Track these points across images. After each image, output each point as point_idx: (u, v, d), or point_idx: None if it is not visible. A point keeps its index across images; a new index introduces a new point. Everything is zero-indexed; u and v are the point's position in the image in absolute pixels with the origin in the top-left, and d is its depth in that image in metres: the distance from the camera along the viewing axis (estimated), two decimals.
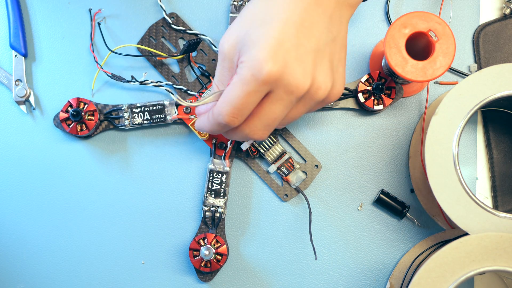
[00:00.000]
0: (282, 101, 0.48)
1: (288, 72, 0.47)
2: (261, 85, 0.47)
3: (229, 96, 0.48)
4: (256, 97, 0.48)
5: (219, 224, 0.61)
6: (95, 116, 0.60)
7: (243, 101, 0.48)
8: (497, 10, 0.65)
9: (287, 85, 0.47)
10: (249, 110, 0.49)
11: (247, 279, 0.63)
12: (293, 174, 0.62)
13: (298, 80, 0.47)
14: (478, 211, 0.56)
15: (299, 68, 0.47)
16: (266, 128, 0.50)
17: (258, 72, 0.46)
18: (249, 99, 0.48)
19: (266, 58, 0.46)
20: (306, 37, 0.48)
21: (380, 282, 0.63)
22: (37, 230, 0.62)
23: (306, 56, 0.48)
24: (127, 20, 0.63)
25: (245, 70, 0.47)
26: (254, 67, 0.46)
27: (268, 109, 0.49)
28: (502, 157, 0.63)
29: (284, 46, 0.47)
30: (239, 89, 0.47)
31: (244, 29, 0.48)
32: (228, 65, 0.50)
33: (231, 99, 0.48)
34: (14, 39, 0.62)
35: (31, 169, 0.62)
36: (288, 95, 0.48)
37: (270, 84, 0.47)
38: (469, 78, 0.56)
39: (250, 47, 0.47)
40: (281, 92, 0.48)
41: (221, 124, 0.50)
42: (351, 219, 0.63)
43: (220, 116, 0.49)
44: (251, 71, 0.47)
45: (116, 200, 0.62)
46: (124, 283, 0.62)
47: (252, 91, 0.47)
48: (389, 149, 0.64)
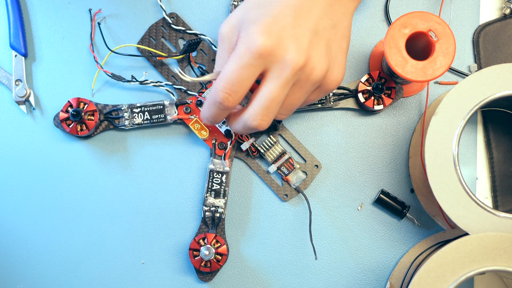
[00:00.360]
0: (277, 78, 0.49)
1: (282, 47, 0.48)
2: (255, 58, 0.48)
3: (224, 71, 0.49)
4: (250, 72, 0.48)
5: (219, 224, 0.61)
6: (95, 116, 0.60)
7: (237, 75, 0.48)
8: (497, 10, 0.65)
9: (282, 60, 0.48)
10: (244, 87, 0.49)
11: (247, 279, 0.63)
12: (293, 174, 0.62)
13: (292, 55, 0.48)
14: (478, 211, 0.56)
15: (294, 44, 0.48)
16: (265, 111, 0.50)
17: (252, 45, 0.47)
18: (242, 73, 0.48)
19: (261, 31, 0.48)
20: (304, 19, 0.49)
21: (380, 282, 0.63)
22: (37, 230, 0.62)
23: (302, 35, 0.49)
24: (127, 20, 0.63)
25: (240, 44, 0.48)
26: (248, 40, 0.48)
27: (265, 89, 0.49)
28: (502, 157, 0.63)
29: (279, 24, 0.48)
30: (234, 62, 0.48)
31: (243, 12, 0.50)
32: (227, 46, 0.51)
33: (226, 73, 0.49)
34: (14, 39, 0.62)
35: (31, 169, 0.62)
36: (283, 71, 0.48)
37: (264, 58, 0.48)
38: (469, 78, 0.56)
39: (248, 25, 0.49)
40: (276, 68, 0.48)
41: (216, 102, 0.50)
42: (351, 219, 0.63)
43: (216, 93, 0.49)
44: (246, 45, 0.48)
45: (116, 200, 0.62)
46: (124, 283, 0.62)
47: (246, 65, 0.48)
48: (389, 149, 0.64)
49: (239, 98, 0.49)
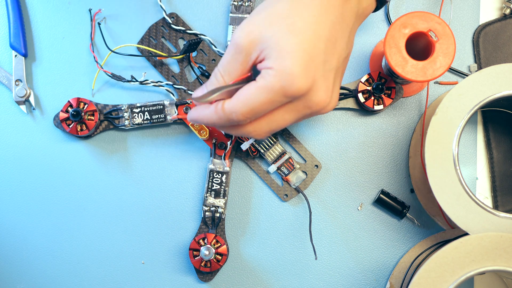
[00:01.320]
0: (297, 113, 0.48)
1: (314, 89, 0.47)
2: (287, 97, 0.47)
3: (249, 98, 0.47)
4: (277, 105, 0.48)
5: (219, 224, 0.61)
6: (95, 116, 0.60)
7: (263, 107, 0.47)
8: (497, 10, 0.65)
9: (309, 101, 0.47)
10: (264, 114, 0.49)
11: (247, 279, 0.63)
12: (293, 174, 0.62)
13: (321, 97, 0.48)
14: (478, 211, 0.56)
15: (324, 86, 0.48)
16: (271, 131, 0.50)
17: (288, 86, 0.46)
18: (269, 106, 0.47)
19: (299, 73, 0.46)
20: (331, 54, 0.48)
21: (380, 282, 0.63)
22: (37, 230, 0.62)
23: (329, 74, 0.48)
24: (127, 20, 0.63)
25: (274, 79, 0.46)
26: (285, 79, 0.46)
27: (280, 116, 0.49)
28: (502, 157, 0.63)
29: (314, 62, 0.46)
30: (263, 95, 0.47)
31: (270, 30, 0.47)
32: (242, 59, 0.49)
33: (251, 102, 0.47)
34: (14, 39, 0.62)
35: (31, 169, 0.62)
36: (305, 109, 0.48)
37: (295, 97, 0.47)
38: (469, 78, 0.56)
39: (282, 56, 0.46)
40: (300, 105, 0.48)
41: (231, 121, 0.49)
42: (351, 219, 0.63)
43: (234, 114, 0.48)
44: (281, 83, 0.46)
45: (116, 200, 0.62)
46: (124, 283, 0.62)
47: (275, 101, 0.47)
48: (389, 149, 0.64)
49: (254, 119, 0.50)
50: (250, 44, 0.48)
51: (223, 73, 0.50)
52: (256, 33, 0.47)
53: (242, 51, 0.48)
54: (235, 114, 0.48)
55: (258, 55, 0.48)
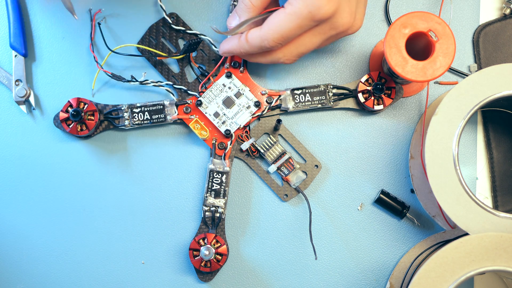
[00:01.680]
0: (324, 35, 0.53)
1: (339, 12, 0.52)
2: (315, 21, 0.51)
3: (280, 25, 0.52)
4: (305, 29, 0.52)
5: (219, 224, 0.61)
6: (95, 116, 0.60)
7: (293, 33, 0.52)
8: (497, 10, 0.65)
9: (334, 23, 0.52)
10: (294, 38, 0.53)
11: (247, 279, 0.63)
12: (293, 174, 0.62)
13: (346, 19, 0.53)
14: (478, 211, 0.56)
15: (347, 9, 0.53)
16: (299, 55, 0.55)
17: (316, 10, 0.51)
18: (298, 31, 0.52)
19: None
20: None
21: (380, 282, 0.63)
22: (37, 230, 0.62)
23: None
24: (127, 20, 0.63)
25: (302, 5, 0.51)
26: (312, 5, 0.51)
27: (308, 39, 0.54)
28: (502, 157, 0.63)
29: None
30: (293, 21, 0.51)
31: None
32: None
33: (282, 28, 0.52)
34: (14, 39, 0.62)
35: (31, 169, 0.62)
36: (331, 31, 0.53)
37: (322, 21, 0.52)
38: (469, 78, 0.56)
39: None
40: (326, 27, 0.53)
41: (263, 47, 0.54)
42: (351, 219, 0.63)
43: (266, 41, 0.53)
44: (308, 8, 0.51)
45: (116, 200, 0.62)
46: (124, 283, 0.62)
47: (304, 25, 0.52)
48: (389, 149, 0.64)
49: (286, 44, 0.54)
50: None
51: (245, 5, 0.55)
52: None
53: None
54: (267, 41, 0.53)
55: None
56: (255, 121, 0.63)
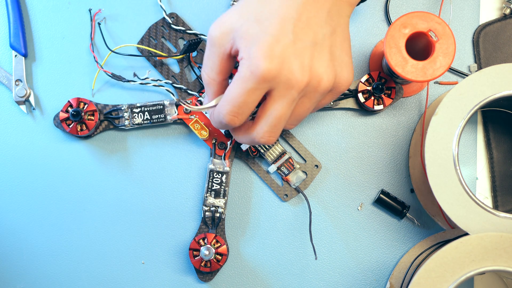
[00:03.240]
0: (283, 98, 0.49)
1: (285, 68, 0.47)
2: (260, 82, 0.47)
3: (229, 94, 0.49)
4: (256, 95, 0.48)
5: (219, 224, 0.61)
6: (95, 116, 0.60)
7: (242, 99, 0.48)
8: (497, 10, 0.65)
9: (286, 81, 0.48)
10: (249, 109, 0.49)
11: (247, 279, 0.63)
12: (293, 174, 0.62)
13: (296, 74, 0.48)
14: (478, 211, 0.56)
15: (297, 63, 0.48)
16: (273, 129, 0.50)
17: (256, 69, 0.47)
18: (248, 98, 0.48)
19: (264, 55, 0.47)
20: (303, 32, 0.48)
21: (380, 282, 0.63)
22: (37, 230, 0.62)
23: (303, 51, 0.48)
24: (127, 20, 0.63)
25: (244, 67, 0.48)
26: (252, 64, 0.47)
27: (271, 108, 0.49)
28: (502, 157, 0.63)
29: (281, 43, 0.47)
30: (239, 87, 0.48)
31: (239, 21, 0.49)
32: (217, 51, 0.50)
33: (231, 97, 0.49)
34: (14, 39, 0.62)
35: (31, 169, 0.62)
36: (288, 91, 0.48)
37: (269, 81, 0.47)
38: (469, 78, 0.56)
39: (248, 43, 0.48)
40: (281, 88, 0.48)
41: (222, 123, 0.50)
42: (351, 219, 0.63)
43: (221, 115, 0.50)
44: (249, 69, 0.47)
45: (116, 200, 0.62)
46: (124, 283, 0.62)
47: (251, 89, 0.48)
48: (389, 149, 0.64)
49: (245, 118, 0.50)
50: (222, 35, 0.50)
51: (207, 70, 0.52)
52: (227, 24, 0.49)
53: (215, 43, 0.50)
54: (221, 115, 0.50)
55: (231, 45, 0.49)
56: None
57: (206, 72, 0.52)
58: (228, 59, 0.51)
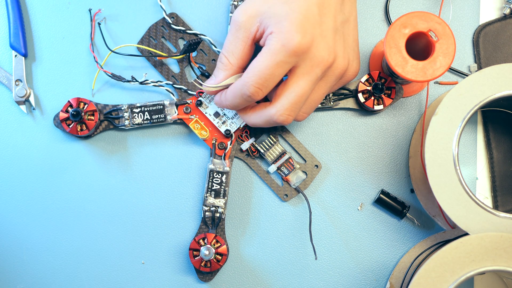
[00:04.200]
0: (308, 75, 0.51)
1: (315, 45, 0.50)
2: (290, 55, 0.49)
3: (257, 66, 0.50)
4: (283, 68, 0.50)
5: (219, 224, 0.61)
6: (95, 116, 0.60)
7: (270, 71, 0.50)
8: (497, 10, 0.65)
9: (313, 58, 0.50)
10: (274, 83, 0.51)
11: (247, 279, 0.63)
12: (293, 174, 0.62)
13: (324, 53, 0.50)
14: (478, 211, 0.56)
15: (324, 43, 0.50)
16: (293, 107, 0.52)
17: (288, 43, 0.49)
18: (276, 70, 0.50)
19: (297, 30, 0.49)
20: (326, 16, 0.51)
21: (380, 282, 0.63)
22: (37, 230, 0.62)
23: (328, 33, 0.51)
24: (127, 20, 0.63)
25: (275, 40, 0.49)
26: (285, 38, 0.49)
27: (294, 84, 0.51)
28: (502, 157, 0.63)
29: (310, 22, 0.50)
30: (269, 59, 0.49)
31: (265, 4, 0.51)
32: (242, 35, 0.52)
33: (259, 69, 0.50)
34: (14, 39, 0.62)
35: (31, 169, 0.62)
36: (314, 69, 0.50)
37: (298, 56, 0.49)
38: (469, 78, 0.56)
39: (279, 20, 0.49)
40: (307, 65, 0.50)
41: (244, 95, 0.51)
42: (351, 219, 0.63)
43: (245, 86, 0.51)
44: (281, 42, 0.49)
45: (116, 200, 0.62)
46: (124, 283, 0.62)
47: (280, 62, 0.49)
48: (389, 149, 0.64)
49: (267, 92, 0.51)
50: (249, 19, 0.51)
51: (227, 54, 0.53)
52: (253, 9, 0.51)
53: (241, 27, 0.52)
54: (246, 86, 0.51)
55: (257, 27, 0.51)
56: None
57: (226, 55, 0.53)
58: (251, 45, 0.52)
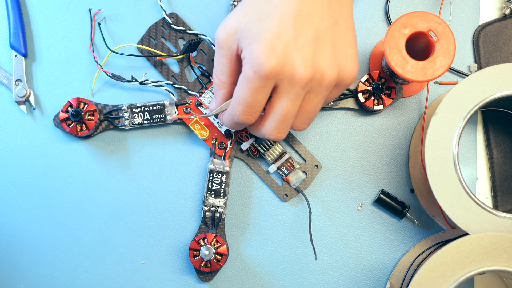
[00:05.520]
0: (288, 93, 0.49)
1: (288, 63, 0.48)
2: (263, 80, 0.48)
3: (238, 95, 0.50)
4: (264, 92, 0.49)
5: (219, 224, 0.61)
6: (95, 116, 0.60)
7: (252, 99, 0.49)
8: (497, 10, 0.65)
9: (289, 77, 0.48)
10: (261, 105, 0.50)
11: (247, 279, 0.63)
12: (293, 174, 0.62)
13: (299, 70, 0.48)
14: (478, 211, 0.56)
15: (299, 58, 0.48)
16: (281, 125, 0.51)
17: (259, 69, 0.47)
18: (257, 96, 0.49)
19: (265, 53, 0.47)
20: (304, 26, 0.48)
21: (380, 282, 0.63)
22: (37, 230, 0.62)
23: (305, 45, 0.48)
24: (127, 20, 0.63)
25: (247, 67, 0.48)
26: (254, 63, 0.47)
27: (278, 105, 0.50)
28: (502, 157, 0.63)
29: (282, 39, 0.47)
30: (246, 87, 0.49)
31: (243, 21, 0.49)
32: (225, 53, 0.51)
33: (241, 98, 0.50)
34: (14, 39, 0.62)
35: (31, 169, 0.62)
36: (292, 86, 0.49)
37: (273, 78, 0.48)
38: (469, 78, 0.56)
39: (250, 42, 0.48)
40: (285, 84, 0.49)
41: (238, 122, 0.52)
42: (351, 219, 0.63)
43: (235, 116, 0.51)
44: (253, 68, 0.48)
45: (116, 200, 0.62)
46: (124, 283, 0.62)
47: (258, 88, 0.48)
48: (389, 149, 0.64)
49: (258, 115, 0.51)
50: (228, 36, 0.50)
51: (217, 74, 0.53)
52: (231, 25, 0.50)
53: (222, 46, 0.51)
54: (236, 116, 0.51)
55: (237, 45, 0.50)
56: None
57: (217, 75, 0.53)
58: (236, 60, 0.51)
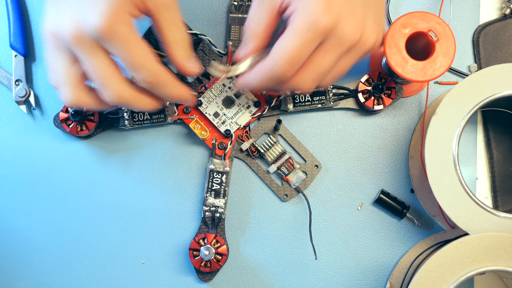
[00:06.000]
0: (333, 51, 0.50)
1: (342, 23, 0.49)
2: (317, 35, 0.49)
3: (285, 47, 0.49)
4: (311, 47, 0.49)
5: (219, 224, 0.61)
6: (95, 116, 0.60)
7: (299, 51, 0.49)
8: (497, 10, 0.65)
9: (340, 36, 0.49)
10: (303, 60, 0.50)
11: (247, 279, 0.63)
12: (293, 174, 0.62)
13: (351, 32, 0.49)
14: (478, 211, 0.56)
15: (351, 20, 0.49)
16: (316, 79, 0.52)
17: (315, 23, 0.48)
18: (304, 49, 0.49)
19: (324, 7, 0.48)
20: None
21: (380, 282, 0.63)
22: (37, 230, 0.62)
23: (358, 8, 0.50)
24: None
25: (301, 20, 0.49)
26: (311, 17, 0.48)
27: (319, 60, 0.51)
28: (502, 157, 0.63)
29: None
30: (296, 39, 0.49)
31: None
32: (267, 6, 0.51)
33: (288, 50, 0.49)
34: (14, 39, 0.62)
35: (31, 169, 0.62)
36: (340, 46, 0.50)
37: (325, 34, 0.49)
38: (469, 78, 0.56)
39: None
40: (333, 43, 0.50)
41: (274, 75, 0.51)
42: (351, 219, 0.63)
43: (275, 67, 0.50)
44: (308, 20, 0.48)
45: (116, 200, 0.62)
46: (124, 283, 0.62)
47: (308, 41, 0.49)
48: (389, 149, 0.64)
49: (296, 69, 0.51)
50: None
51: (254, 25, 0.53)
52: None
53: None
54: (276, 67, 0.50)
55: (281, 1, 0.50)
56: (255, 121, 0.63)
57: (253, 26, 0.52)
58: (276, 16, 0.51)
